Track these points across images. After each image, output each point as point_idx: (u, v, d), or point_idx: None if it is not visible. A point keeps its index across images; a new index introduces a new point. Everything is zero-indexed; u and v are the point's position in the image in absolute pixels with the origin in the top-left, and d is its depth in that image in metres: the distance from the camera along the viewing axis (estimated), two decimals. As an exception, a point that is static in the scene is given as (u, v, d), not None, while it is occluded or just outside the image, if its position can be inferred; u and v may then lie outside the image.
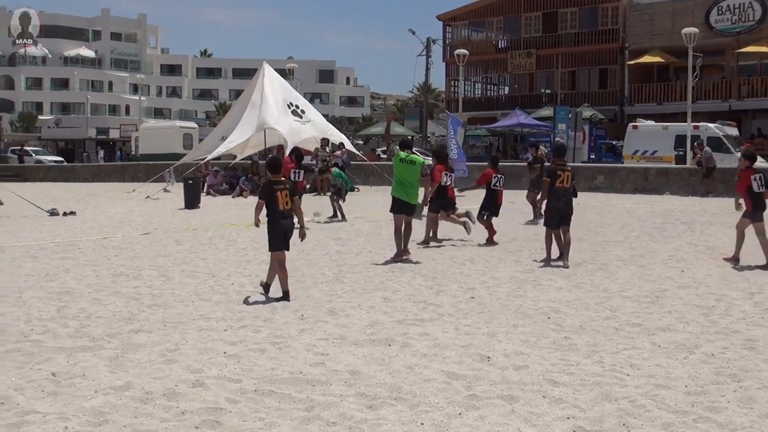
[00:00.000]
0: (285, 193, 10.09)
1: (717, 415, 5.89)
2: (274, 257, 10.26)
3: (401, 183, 13.72)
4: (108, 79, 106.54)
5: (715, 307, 9.70)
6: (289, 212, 10.19)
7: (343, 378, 6.76)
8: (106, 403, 6.08)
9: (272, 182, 10.23)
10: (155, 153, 46.58)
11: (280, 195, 10.06)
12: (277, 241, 10.18)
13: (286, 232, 10.20)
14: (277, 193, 10.07)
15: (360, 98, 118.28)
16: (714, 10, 46.60)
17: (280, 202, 10.04)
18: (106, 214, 22.81)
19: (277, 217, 10.13)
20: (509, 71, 56.69)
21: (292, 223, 10.26)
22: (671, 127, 35.53)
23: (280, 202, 10.04)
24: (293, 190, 10.34)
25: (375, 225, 18.99)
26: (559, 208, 13.22)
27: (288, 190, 10.16)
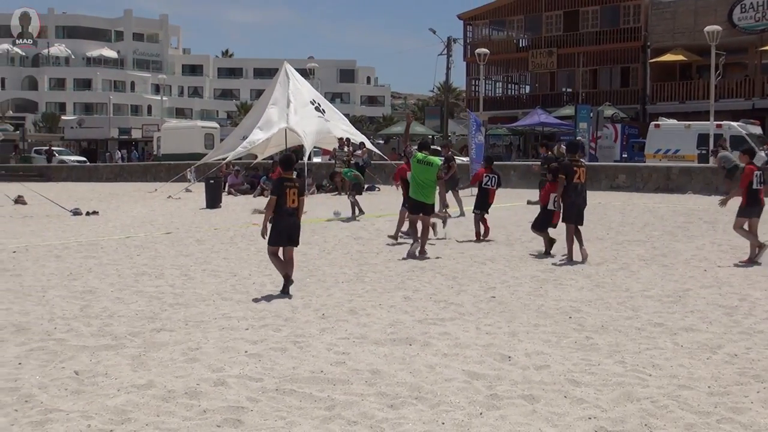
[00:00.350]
0: (294, 191, 10.30)
1: (740, 416, 5.85)
2: (270, 251, 10.51)
3: (418, 184, 13.98)
4: (130, 79, 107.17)
5: (738, 306, 9.63)
6: (295, 210, 10.37)
7: (364, 377, 6.77)
8: (129, 402, 6.11)
9: (283, 179, 10.45)
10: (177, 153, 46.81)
11: (288, 192, 10.26)
12: (276, 237, 10.40)
13: (289, 229, 10.37)
14: (286, 189, 10.27)
15: (381, 98, 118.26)
16: (737, 7, 46.20)
17: (288, 199, 10.25)
18: (129, 214, 22.94)
19: (283, 214, 10.30)
20: (530, 70, 56.46)
21: (296, 221, 10.46)
22: (694, 125, 35.27)
23: (288, 199, 10.25)
24: (301, 189, 10.54)
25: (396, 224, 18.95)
26: (578, 203, 13.41)
27: (297, 188, 10.36)
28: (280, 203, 10.28)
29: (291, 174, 10.58)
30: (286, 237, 10.40)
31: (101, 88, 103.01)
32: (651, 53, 49.60)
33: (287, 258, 10.59)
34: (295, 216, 10.42)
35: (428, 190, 14.04)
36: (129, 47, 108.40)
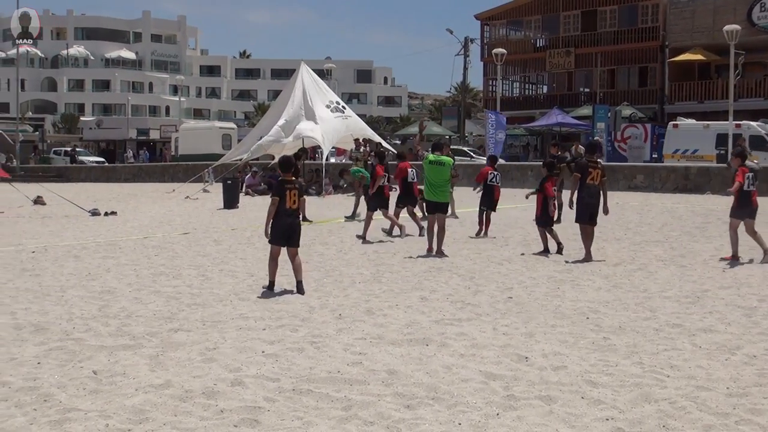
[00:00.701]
0: (294, 192, 10.55)
1: (759, 418, 5.81)
2: (271, 251, 10.78)
3: (431, 185, 14.30)
4: (148, 80, 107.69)
5: (757, 307, 9.57)
6: (295, 211, 10.63)
7: (381, 377, 6.77)
8: (146, 401, 6.14)
9: (284, 181, 10.69)
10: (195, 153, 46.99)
11: (289, 194, 10.51)
12: (275, 236, 10.62)
13: (288, 229, 10.59)
14: (287, 191, 10.51)
15: (397, 98, 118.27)
16: (756, 6, 45.88)
17: (288, 200, 10.50)
18: (147, 214, 23.05)
19: (282, 215, 10.51)
20: (548, 70, 56.30)
21: (297, 221, 10.69)
22: (712, 125, 35.07)
23: (288, 200, 10.50)
24: (301, 190, 10.82)
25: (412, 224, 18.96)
26: (592, 204, 13.42)
27: (297, 189, 10.62)
28: (280, 204, 10.49)
29: (290, 176, 10.73)
30: (285, 237, 10.62)
31: (120, 89, 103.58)
32: (669, 53, 49.34)
33: (292, 261, 10.77)
34: (294, 217, 10.64)
35: (443, 190, 14.38)
36: (147, 48, 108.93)
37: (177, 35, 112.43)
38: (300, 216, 10.84)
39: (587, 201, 13.40)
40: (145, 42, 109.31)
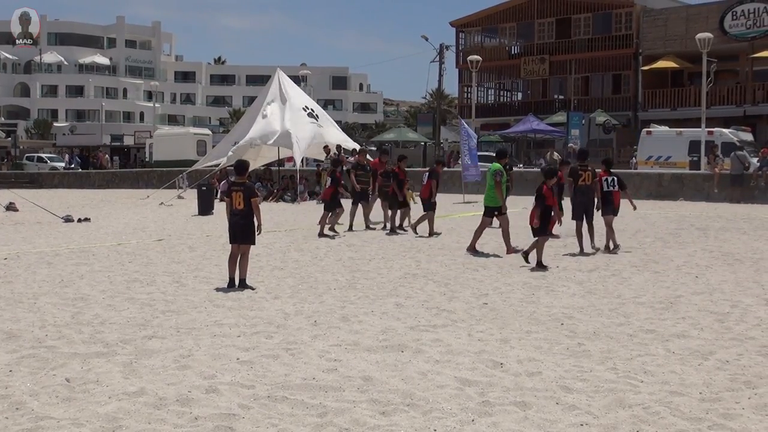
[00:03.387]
0: (239, 194, 11.32)
1: (732, 422, 5.86)
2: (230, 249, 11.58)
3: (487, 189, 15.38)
4: (122, 86, 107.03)
5: (729, 313, 9.65)
6: (241, 211, 11.31)
7: (356, 384, 6.76)
8: (120, 409, 6.09)
9: (231, 183, 11.69)
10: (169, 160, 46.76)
11: (234, 195, 11.35)
12: (229, 235, 11.58)
13: (234, 228, 11.42)
14: (232, 193, 11.41)
15: (373, 104, 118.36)
16: (728, 15, 46.40)
17: (234, 201, 11.34)
18: (121, 221, 22.91)
19: (231, 215, 11.46)
20: (522, 77, 56.56)
21: (241, 221, 11.36)
22: (685, 132, 35.38)
23: (234, 202, 11.34)
24: (249, 191, 11.45)
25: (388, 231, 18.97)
26: (584, 202, 15.16)
27: (242, 191, 11.35)
28: (228, 205, 11.52)
29: (242, 179, 11.57)
30: (232, 235, 11.47)
31: (93, 95, 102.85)
32: (643, 60, 49.76)
33: (241, 256, 11.43)
34: (240, 216, 11.34)
35: (488, 195, 15.29)
36: (121, 54, 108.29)
37: (151, 41, 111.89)
38: (248, 216, 11.35)
39: (580, 200, 15.17)
40: (119, 48, 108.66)
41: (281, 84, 32.38)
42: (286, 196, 30.94)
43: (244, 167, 11.77)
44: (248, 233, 11.42)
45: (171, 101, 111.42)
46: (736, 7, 46.27)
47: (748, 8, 45.84)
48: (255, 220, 11.43)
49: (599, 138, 44.89)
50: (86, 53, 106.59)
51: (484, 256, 14.72)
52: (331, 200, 18.78)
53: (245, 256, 11.51)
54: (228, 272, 11.55)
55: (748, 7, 45.86)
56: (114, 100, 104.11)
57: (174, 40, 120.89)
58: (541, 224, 13.40)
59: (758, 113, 45.54)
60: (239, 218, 11.38)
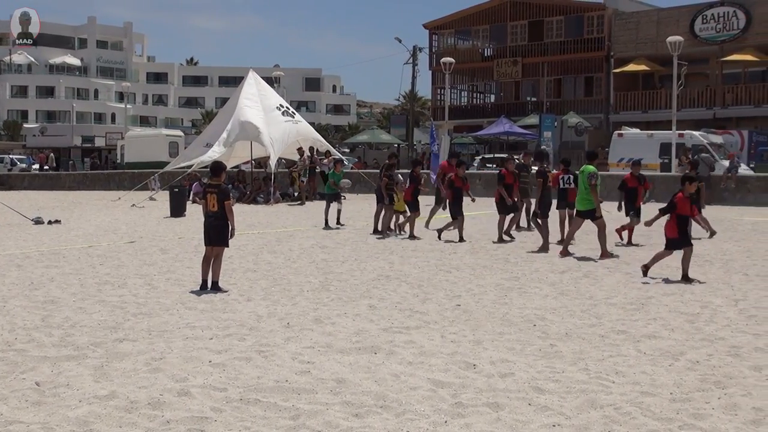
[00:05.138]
0: (213, 197, 11.30)
1: (702, 422, 5.91)
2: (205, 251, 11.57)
3: (579, 193, 15.27)
4: (94, 87, 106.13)
5: (699, 314, 9.74)
6: (215, 213, 11.29)
7: (329, 386, 6.75)
8: (91, 413, 6.04)
9: (206, 184, 11.72)
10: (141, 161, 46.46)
11: (208, 197, 11.39)
12: (204, 236, 11.58)
13: (207, 229, 11.45)
14: (206, 194, 11.46)
15: (346, 106, 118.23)
16: (698, 18, 46.88)
17: (208, 203, 11.36)
18: (92, 223, 22.72)
19: (205, 216, 11.49)
20: (495, 79, 56.80)
21: (214, 222, 11.36)
22: (656, 134, 35.69)
23: (208, 204, 11.36)
24: (223, 194, 11.38)
25: (361, 233, 18.99)
26: (551, 202, 16.31)
27: (216, 194, 11.31)
28: (203, 206, 11.55)
29: (217, 180, 11.51)
30: (206, 237, 11.51)
31: (64, 96, 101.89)
32: (614, 63, 50.14)
33: (214, 258, 11.43)
34: (213, 218, 11.34)
35: (581, 198, 15.08)
36: (93, 55, 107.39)
37: (123, 42, 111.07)
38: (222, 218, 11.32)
39: (548, 200, 16.28)
40: (90, 48, 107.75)
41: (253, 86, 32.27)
42: (259, 197, 30.84)
43: (219, 169, 11.73)
44: (221, 235, 11.39)
45: (143, 102, 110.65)
46: (706, 11, 46.78)
47: (718, 12, 46.36)
48: (229, 223, 11.38)
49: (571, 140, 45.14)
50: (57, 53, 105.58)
51: (456, 258, 14.76)
52: (413, 200, 18.41)
53: (218, 259, 11.48)
54: (201, 274, 11.51)
55: (718, 11, 46.37)
56: (85, 101, 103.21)
57: (146, 41, 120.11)
58: (680, 234, 12.37)
59: (728, 116, 46.06)
60: (213, 220, 11.37)
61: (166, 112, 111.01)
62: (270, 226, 21.34)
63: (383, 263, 14.14)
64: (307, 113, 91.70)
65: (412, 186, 18.49)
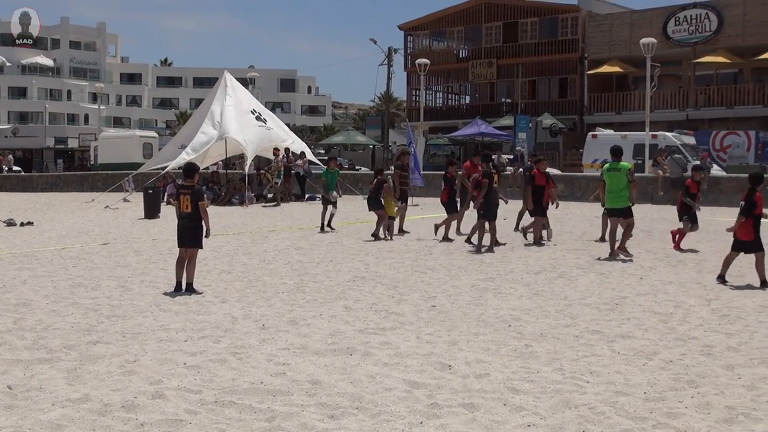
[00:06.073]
0: (186, 198, 11.28)
1: (675, 421, 5.95)
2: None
3: (609, 191, 15.01)
4: (67, 87, 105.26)
5: (673, 314, 9.82)
6: (189, 214, 11.29)
7: (304, 388, 6.74)
8: (64, 416, 5.99)
9: (179, 185, 11.75)
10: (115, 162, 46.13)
11: (181, 198, 11.36)
12: (177, 238, 11.53)
13: (180, 230, 11.42)
14: (180, 196, 11.43)
15: (321, 107, 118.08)
16: (671, 20, 47.29)
17: (181, 204, 11.35)
18: (65, 224, 22.54)
19: (178, 218, 11.50)
20: (470, 80, 56.99)
21: (187, 224, 11.34)
22: (630, 136, 35.92)
23: (181, 205, 11.35)
24: (197, 195, 11.31)
25: (336, 234, 18.97)
26: (497, 204, 16.25)
27: (189, 195, 11.24)
28: (176, 207, 11.57)
29: (190, 181, 11.51)
30: (179, 238, 11.47)
31: (37, 97, 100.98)
32: (588, 64, 50.47)
33: (188, 260, 11.38)
34: (187, 219, 11.32)
35: (619, 196, 14.82)
36: (66, 55, 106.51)
37: (96, 42, 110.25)
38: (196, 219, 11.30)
39: (494, 201, 16.07)
40: (63, 49, 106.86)
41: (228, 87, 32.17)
42: (234, 199, 30.73)
43: (192, 170, 11.69)
44: (195, 237, 11.37)
45: (116, 103, 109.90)
46: (679, 13, 47.20)
47: (691, 14, 46.79)
48: (203, 224, 11.35)
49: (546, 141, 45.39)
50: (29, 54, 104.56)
51: (431, 259, 14.78)
52: (450, 202, 18.27)
53: (192, 260, 11.42)
54: (175, 276, 11.47)
55: (691, 13, 46.80)
56: (58, 101, 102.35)
57: (119, 42, 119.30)
58: (754, 237, 11.75)
59: (700, 117, 46.48)
60: (187, 221, 11.34)
61: (140, 113, 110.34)
62: (245, 227, 21.27)
63: (359, 264, 14.14)
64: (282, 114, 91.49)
65: (447, 187, 18.35)
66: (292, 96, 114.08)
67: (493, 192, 16.10)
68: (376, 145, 57.57)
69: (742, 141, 39.22)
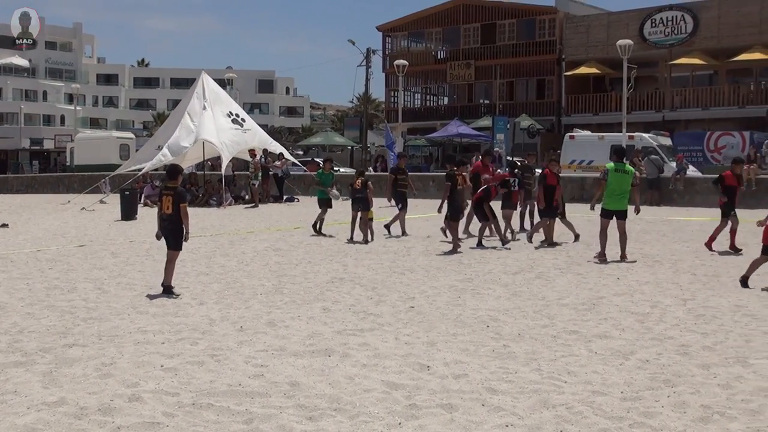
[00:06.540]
0: (168, 199, 11.22)
1: (651, 420, 5.99)
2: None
3: (612, 193, 14.83)
4: (42, 88, 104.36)
5: (649, 313, 9.88)
6: (170, 216, 11.24)
7: (283, 390, 6.72)
8: (39, 420, 5.95)
9: (162, 187, 11.70)
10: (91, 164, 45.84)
11: (163, 199, 11.29)
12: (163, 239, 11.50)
13: (163, 232, 11.42)
14: (162, 197, 11.36)
15: (300, 108, 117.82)
16: (648, 22, 47.59)
17: (163, 205, 11.30)
18: (40, 226, 22.37)
19: (159, 219, 11.47)
20: (448, 82, 57.08)
21: (169, 225, 11.31)
22: (607, 137, 36.08)
23: (163, 206, 11.30)
24: (179, 196, 11.25)
25: (315, 236, 18.92)
26: (461, 205, 16.33)
27: (172, 196, 11.19)
28: (158, 209, 11.51)
29: (174, 183, 11.39)
30: (165, 239, 11.40)
31: (12, 98, 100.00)
32: (566, 66, 50.69)
33: (167, 261, 11.38)
34: (168, 221, 11.28)
35: (622, 198, 14.87)
36: (41, 56, 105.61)
37: (73, 42, 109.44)
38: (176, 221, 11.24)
39: (459, 204, 16.23)
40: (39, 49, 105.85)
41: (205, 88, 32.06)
42: (212, 200, 30.62)
43: (176, 171, 11.63)
44: (175, 238, 11.33)
45: (93, 104, 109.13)
46: (655, 14, 47.51)
47: (667, 16, 47.11)
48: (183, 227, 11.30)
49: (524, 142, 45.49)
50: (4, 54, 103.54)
51: (410, 260, 14.79)
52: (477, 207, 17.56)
53: (171, 262, 11.38)
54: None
55: (667, 15, 47.12)
56: (33, 102, 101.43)
57: (96, 42, 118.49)
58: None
59: (676, 118, 46.80)
60: (167, 223, 11.32)
61: (116, 114, 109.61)
62: (223, 228, 21.20)
63: (337, 266, 14.13)
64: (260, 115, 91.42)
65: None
66: (271, 97, 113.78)
67: (457, 194, 16.20)
68: (355, 146, 57.55)
69: (737, 142, 39.15)
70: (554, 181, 16.80)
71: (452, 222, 16.14)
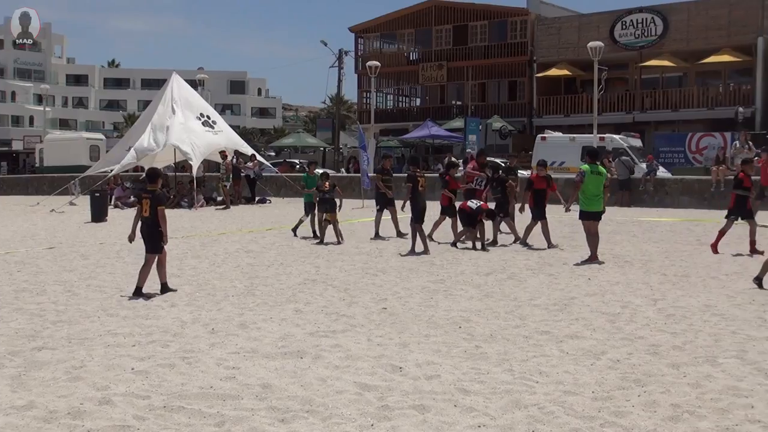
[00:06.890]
0: (147, 202, 11.27)
1: (622, 420, 6.03)
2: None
3: (594, 194, 14.84)
4: (11, 89, 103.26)
5: (620, 314, 9.94)
6: (147, 219, 11.26)
7: (255, 392, 6.70)
8: (8, 424, 5.88)
9: (141, 190, 11.82)
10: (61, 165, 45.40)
11: (143, 202, 11.35)
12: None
13: (143, 235, 11.40)
14: (142, 200, 11.42)
15: (272, 109, 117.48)
16: (618, 24, 47.96)
17: (142, 208, 11.34)
18: (9, 228, 22.13)
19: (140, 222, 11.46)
20: (420, 83, 57.17)
21: (148, 229, 11.31)
22: (578, 138, 36.30)
23: (142, 209, 11.35)
24: (157, 199, 11.33)
25: (287, 237, 18.89)
26: (424, 207, 16.31)
27: (150, 199, 11.27)
28: (138, 212, 11.52)
29: (153, 186, 11.44)
30: (144, 242, 11.40)
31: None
32: (537, 68, 50.95)
33: (144, 264, 11.36)
34: (147, 224, 11.32)
35: (599, 200, 14.95)
36: (9, 56, 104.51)
37: (42, 43, 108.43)
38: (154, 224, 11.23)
39: (422, 205, 16.21)
40: (7, 49, 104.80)
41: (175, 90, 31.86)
42: (183, 202, 30.45)
43: (155, 175, 11.64)
44: (152, 241, 11.33)
45: (62, 105, 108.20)
46: (626, 17, 47.89)
47: (637, 18, 47.49)
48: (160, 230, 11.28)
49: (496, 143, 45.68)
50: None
51: (382, 261, 14.79)
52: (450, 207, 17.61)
53: (147, 265, 11.35)
54: (159, 278, 11.60)
55: (637, 17, 47.51)
56: (1, 103, 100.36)
57: (65, 42, 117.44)
58: None
59: (646, 120, 47.18)
60: (145, 226, 11.35)
61: (86, 115, 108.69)
62: (194, 230, 21.08)
63: (309, 267, 14.10)
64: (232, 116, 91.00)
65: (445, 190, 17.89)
66: (242, 98, 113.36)
67: (419, 195, 16.26)
68: (327, 147, 57.48)
69: (718, 143, 39.31)
70: (543, 185, 17.10)
71: (416, 224, 16.03)
